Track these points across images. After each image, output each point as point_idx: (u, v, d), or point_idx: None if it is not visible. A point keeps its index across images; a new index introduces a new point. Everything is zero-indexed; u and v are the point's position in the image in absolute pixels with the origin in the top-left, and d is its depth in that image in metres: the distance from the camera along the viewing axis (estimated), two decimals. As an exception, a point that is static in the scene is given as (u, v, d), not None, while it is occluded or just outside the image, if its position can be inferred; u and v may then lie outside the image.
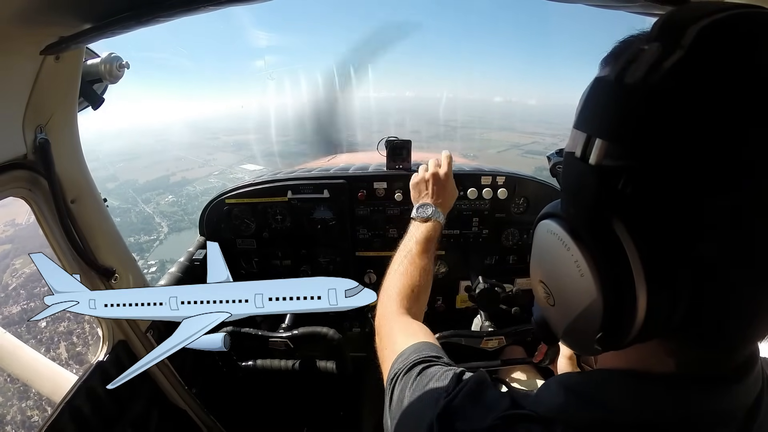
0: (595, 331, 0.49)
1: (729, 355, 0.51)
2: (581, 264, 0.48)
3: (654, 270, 0.44)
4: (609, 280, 0.46)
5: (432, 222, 1.37)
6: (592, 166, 0.45)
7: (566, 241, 0.50)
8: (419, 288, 1.23)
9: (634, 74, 0.42)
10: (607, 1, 1.02)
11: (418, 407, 0.69)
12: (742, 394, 0.51)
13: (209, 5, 0.84)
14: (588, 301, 0.48)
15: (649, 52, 0.42)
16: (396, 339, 0.98)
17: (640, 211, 0.44)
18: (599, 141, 0.44)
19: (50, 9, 0.85)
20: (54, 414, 1.25)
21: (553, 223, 0.54)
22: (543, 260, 0.59)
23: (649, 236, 0.44)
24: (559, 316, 0.57)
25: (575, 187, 0.50)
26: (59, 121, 1.16)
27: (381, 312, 1.16)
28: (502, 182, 1.97)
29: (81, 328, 6.42)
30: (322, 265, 2.15)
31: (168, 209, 34.10)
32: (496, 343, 1.70)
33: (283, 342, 1.62)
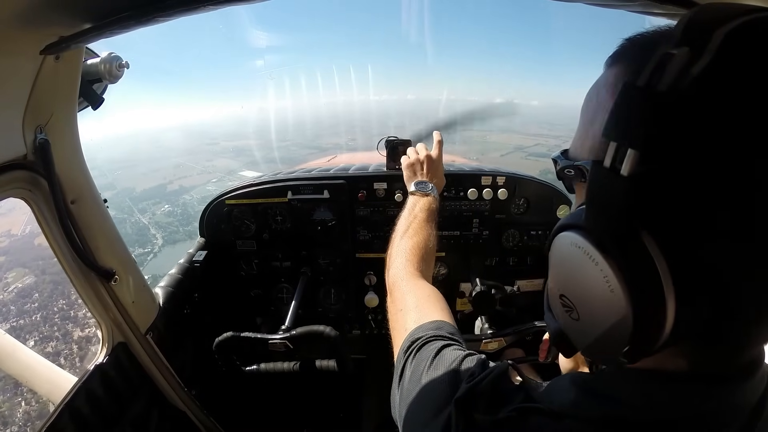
0: (623, 344, 0.48)
1: (739, 354, 0.51)
2: (611, 279, 0.47)
3: (683, 283, 0.43)
4: (640, 296, 0.45)
5: (431, 197, 1.40)
6: (624, 177, 0.43)
7: (593, 255, 0.49)
8: (430, 250, 1.24)
9: (666, 81, 0.41)
10: (608, 0, 1.02)
11: (436, 387, 0.68)
12: (749, 392, 0.52)
13: (209, 5, 0.84)
14: (617, 317, 0.47)
15: (679, 57, 0.40)
16: (411, 303, 0.98)
17: (671, 223, 0.43)
18: (632, 151, 0.43)
19: (50, 9, 0.85)
20: (53, 415, 1.25)
21: (576, 235, 0.52)
22: (565, 274, 0.56)
23: (679, 248, 0.43)
24: (584, 330, 0.55)
25: (603, 199, 0.48)
26: (59, 121, 1.16)
27: (394, 272, 1.16)
28: (503, 183, 1.97)
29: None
30: (322, 266, 2.15)
31: (164, 220, 33.97)
32: (496, 344, 1.70)
33: (282, 343, 1.62)
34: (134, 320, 1.52)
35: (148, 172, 56.73)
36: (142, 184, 47.28)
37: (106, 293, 1.43)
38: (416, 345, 0.78)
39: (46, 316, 6.52)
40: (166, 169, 59.08)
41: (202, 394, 1.88)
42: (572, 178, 0.63)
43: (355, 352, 2.21)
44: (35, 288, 7.01)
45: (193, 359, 1.86)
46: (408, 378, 0.74)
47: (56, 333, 5.93)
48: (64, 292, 7.04)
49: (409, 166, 1.55)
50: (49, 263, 6.96)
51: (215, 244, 2.08)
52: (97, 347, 1.52)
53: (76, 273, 1.33)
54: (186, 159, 67.83)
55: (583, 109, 0.62)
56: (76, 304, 7.13)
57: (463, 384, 0.63)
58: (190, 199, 38.92)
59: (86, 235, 1.34)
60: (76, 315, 6.34)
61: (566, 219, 0.57)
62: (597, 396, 0.56)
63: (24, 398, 3.64)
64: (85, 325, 5.81)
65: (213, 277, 2.05)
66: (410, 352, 0.78)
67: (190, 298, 1.91)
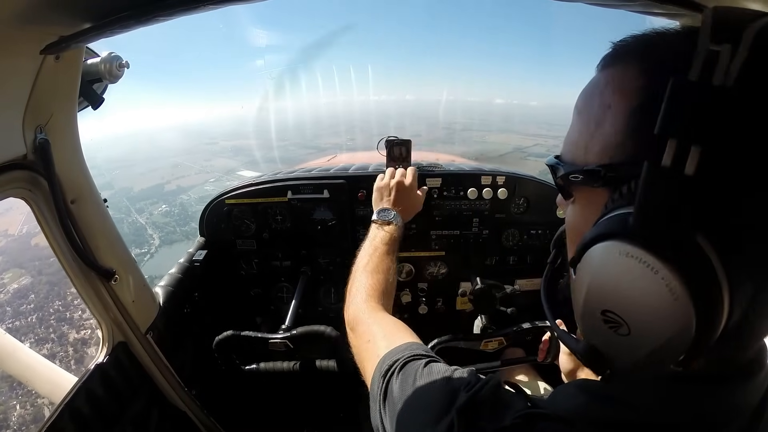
0: (680, 353, 0.46)
1: (741, 353, 0.52)
2: (674, 286, 0.44)
3: (736, 285, 0.43)
4: (704, 301, 0.43)
5: (393, 226, 1.43)
6: (689, 177, 0.41)
7: (652, 264, 0.45)
8: (390, 285, 1.26)
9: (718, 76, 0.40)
10: (608, 0, 1.02)
11: (431, 398, 0.67)
12: (750, 392, 0.52)
13: (209, 4, 0.85)
14: (681, 325, 0.45)
15: (724, 53, 0.40)
16: (379, 333, 0.97)
17: (726, 224, 0.42)
18: (695, 148, 0.41)
19: (50, 8, 0.85)
20: (53, 415, 1.25)
21: (626, 244, 0.48)
22: (613, 287, 0.51)
23: (732, 250, 0.42)
24: (636, 344, 0.51)
25: (663, 202, 0.45)
26: (59, 121, 1.16)
27: (355, 308, 1.15)
28: (502, 182, 1.97)
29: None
30: (322, 266, 2.15)
31: (161, 220, 33.90)
32: (496, 344, 1.70)
33: (282, 343, 1.62)
34: (134, 320, 1.52)
35: (146, 172, 56.71)
36: (140, 183, 47.26)
37: (106, 293, 1.43)
38: (397, 365, 0.77)
39: (42, 317, 6.50)
40: (164, 168, 59.07)
41: (202, 393, 1.88)
42: (577, 184, 0.60)
43: None
44: (31, 289, 6.98)
45: (194, 359, 1.86)
46: (396, 395, 0.72)
47: (52, 335, 5.91)
48: (60, 293, 7.00)
49: (378, 190, 1.58)
50: (45, 264, 6.93)
51: (215, 243, 2.08)
52: (93, 349, 1.52)
53: (76, 272, 1.33)
54: (184, 158, 67.85)
55: (579, 112, 0.60)
56: (71, 305, 7.07)
57: (462, 393, 0.62)
58: (187, 199, 38.89)
59: (86, 234, 1.34)
60: (72, 317, 6.32)
61: (601, 228, 0.52)
62: (608, 400, 0.56)
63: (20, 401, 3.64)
64: (81, 326, 5.81)
65: (213, 276, 2.05)
66: (391, 373, 0.77)
67: (190, 298, 1.91)
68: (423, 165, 2.05)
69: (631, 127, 0.52)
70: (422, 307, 2.23)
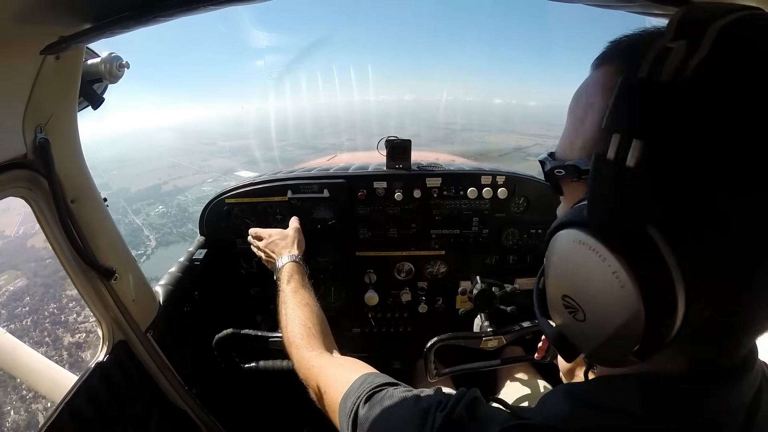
0: (634, 343, 0.47)
1: (735, 351, 0.52)
2: (621, 275, 0.45)
3: (691, 277, 0.43)
4: (652, 291, 0.44)
5: (285, 265, 1.52)
6: (631, 168, 0.43)
7: (601, 252, 0.47)
8: (313, 322, 1.26)
9: (667, 72, 0.41)
10: (607, 0, 1.03)
11: (402, 424, 0.66)
12: (745, 389, 0.52)
13: (209, 5, 0.85)
14: (629, 314, 0.46)
15: (678, 50, 0.41)
16: (329, 380, 0.96)
17: (676, 214, 0.43)
18: (636, 142, 0.42)
19: (50, 9, 0.85)
20: (54, 414, 1.25)
21: (579, 232, 0.50)
22: (569, 273, 0.54)
23: (687, 241, 0.43)
24: (591, 331, 0.53)
25: (608, 192, 0.47)
26: (59, 121, 1.16)
27: (298, 364, 1.15)
28: (502, 182, 1.97)
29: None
30: (322, 264, 2.15)
31: (157, 221, 33.76)
32: (495, 342, 1.70)
33: (282, 341, 1.63)
34: (134, 318, 1.52)
35: (143, 173, 56.60)
36: (137, 184, 47.13)
37: (107, 292, 1.43)
38: (358, 402, 0.76)
39: (37, 320, 6.46)
40: (161, 169, 58.87)
41: (202, 392, 1.88)
42: (562, 178, 0.63)
43: (355, 350, 2.22)
44: (27, 291, 6.94)
45: (194, 357, 1.86)
46: (367, 426, 0.71)
47: (46, 338, 5.88)
48: (56, 295, 6.96)
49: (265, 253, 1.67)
50: (41, 265, 6.89)
51: (215, 242, 2.08)
52: (87, 353, 1.52)
53: (77, 272, 1.33)
54: (182, 159, 67.74)
55: (571, 110, 0.62)
56: (67, 308, 7.02)
57: (437, 414, 0.62)
58: (184, 200, 38.80)
59: (86, 233, 1.34)
60: (67, 320, 6.27)
61: (564, 217, 0.55)
62: (593, 406, 0.55)
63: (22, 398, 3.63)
64: (76, 330, 5.77)
65: (213, 275, 2.05)
66: (355, 411, 0.76)
67: (190, 297, 1.92)
68: (423, 165, 2.06)
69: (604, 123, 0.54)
70: (422, 305, 2.24)
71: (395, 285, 2.21)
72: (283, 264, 1.51)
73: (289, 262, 1.50)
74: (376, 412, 0.71)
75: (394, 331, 2.32)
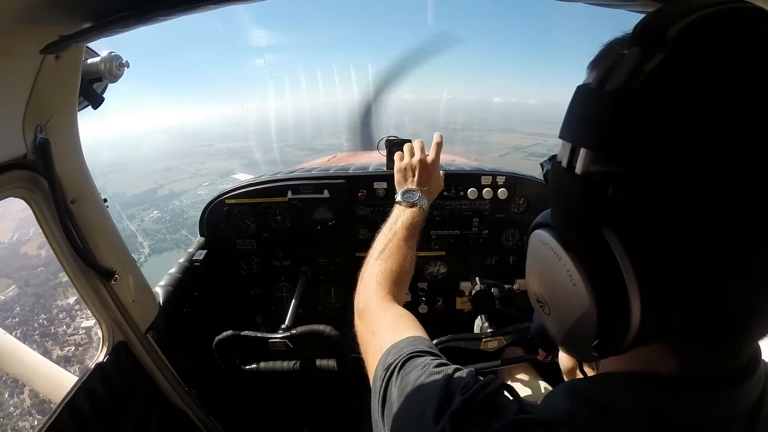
0: (592, 338, 0.49)
1: (731, 355, 0.51)
2: (573, 273, 0.49)
3: (646, 276, 0.44)
4: (601, 289, 0.46)
5: (417, 208, 1.36)
6: (578, 175, 0.45)
7: (557, 251, 0.51)
8: (405, 273, 1.21)
9: (615, 80, 0.42)
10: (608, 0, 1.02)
11: (428, 400, 0.66)
12: (747, 393, 0.51)
13: (209, 4, 0.84)
14: (582, 310, 0.49)
15: (630, 56, 0.42)
16: (384, 325, 0.96)
17: (629, 218, 0.44)
18: (584, 150, 0.45)
19: (50, 8, 0.85)
20: (53, 415, 1.25)
21: (544, 233, 0.54)
22: (536, 270, 0.59)
23: (639, 243, 0.44)
24: (555, 325, 0.58)
25: (563, 197, 0.50)
26: (59, 121, 1.16)
27: (365, 296, 1.12)
28: (503, 182, 1.97)
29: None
30: (322, 265, 2.15)
31: (152, 227, 33.83)
32: (495, 343, 1.70)
33: (282, 342, 1.62)
34: (134, 319, 1.52)
35: (140, 176, 56.52)
36: (133, 188, 47.02)
37: (107, 292, 1.43)
38: (398, 362, 0.77)
39: (26, 332, 6.43)
40: (157, 172, 58.79)
41: (202, 393, 1.88)
42: None
43: (355, 350, 2.22)
44: (17, 301, 6.90)
45: (194, 358, 1.86)
46: (395, 397, 0.72)
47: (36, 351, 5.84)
48: (46, 305, 6.90)
49: (400, 170, 1.47)
50: (32, 274, 6.86)
51: (215, 243, 2.08)
52: (76, 367, 1.51)
53: (76, 272, 1.33)
54: (179, 161, 67.54)
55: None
56: (56, 319, 6.95)
57: (458, 396, 0.62)
58: (179, 205, 38.78)
59: (86, 234, 1.34)
60: (56, 332, 6.21)
61: (539, 218, 0.59)
62: (591, 404, 0.55)
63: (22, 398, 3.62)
64: (65, 342, 5.74)
65: (213, 276, 2.05)
66: (392, 370, 0.76)
67: (190, 298, 1.91)
68: None
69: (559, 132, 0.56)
70: (422, 306, 2.24)
71: None
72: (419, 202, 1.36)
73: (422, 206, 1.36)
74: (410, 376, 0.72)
75: None
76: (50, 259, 9.40)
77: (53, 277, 12.97)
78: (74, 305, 11.56)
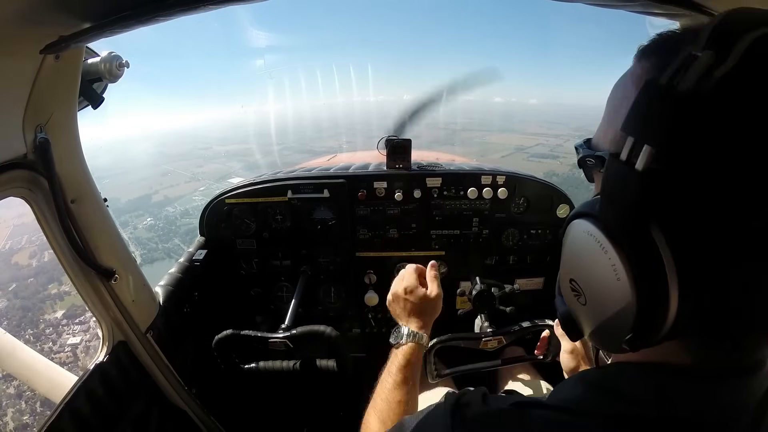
0: (626, 332, 0.50)
1: (747, 353, 0.52)
2: (618, 268, 0.48)
3: (687, 278, 0.45)
4: (645, 286, 0.46)
5: (411, 345, 1.23)
6: (639, 171, 0.44)
7: (604, 244, 0.51)
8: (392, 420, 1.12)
9: (687, 82, 0.41)
10: (608, 0, 1.03)
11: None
12: (756, 386, 0.53)
13: (209, 4, 0.85)
14: (622, 305, 0.49)
15: (703, 59, 0.41)
16: None
17: (680, 219, 0.44)
18: (647, 147, 0.43)
19: (50, 8, 0.85)
20: (53, 415, 1.25)
21: (589, 223, 0.54)
22: (576, 259, 0.58)
23: (688, 245, 0.44)
24: (590, 315, 0.58)
25: (617, 191, 0.49)
26: (59, 121, 1.16)
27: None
28: (503, 182, 1.97)
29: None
30: (322, 265, 2.15)
31: (144, 235, 33.52)
32: (495, 343, 1.70)
33: (282, 342, 1.62)
34: (134, 319, 1.52)
35: (135, 181, 56.15)
36: (128, 194, 46.66)
37: (106, 292, 1.43)
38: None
39: None
40: (153, 177, 58.32)
41: (202, 392, 1.88)
42: (592, 167, 0.64)
43: (355, 350, 2.22)
44: (4, 314, 6.82)
45: (194, 358, 1.86)
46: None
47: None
48: (34, 320, 6.82)
49: (390, 304, 1.36)
50: (22, 286, 6.77)
51: (215, 242, 2.08)
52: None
53: (76, 272, 1.33)
54: (176, 165, 67.14)
55: (609, 100, 0.63)
56: (43, 335, 6.85)
57: (449, 405, 0.66)
58: (173, 212, 38.51)
59: (86, 234, 1.34)
60: (42, 348, 6.07)
61: (582, 207, 0.58)
62: (607, 391, 0.57)
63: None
64: (52, 359, 5.66)
65: (213, 275, 2.05)
66: None
67: (190, 297, 1.91)
68: (423, 164, 2.06)
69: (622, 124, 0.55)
70: None
71: None
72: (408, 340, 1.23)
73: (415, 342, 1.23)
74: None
75: None
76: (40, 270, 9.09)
77: (42, 289, 12.74)
78: (61, 320, 11.35)
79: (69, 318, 11.79)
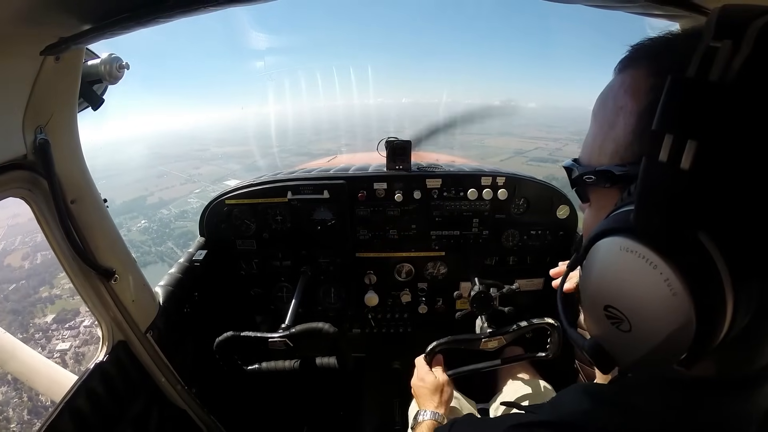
0: (681, 351, 0.46)
1: (762, 356, 0.51)
2: (673, 282, 0.44)
3: (741, 284, 0.42)
4: (704, 299, 0.43)
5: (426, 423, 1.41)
6: (685, 171, 0.41)
7: (651, 259, 0.45)
8: None
9: (716, 72, 0.40)
10: (607, 1, 1.03)
11: None
12: (762, 397, 0.52)
13: (209, 6, 0.85)
14: (680, 322, 0.45)
15: (724, 49, 0.40)
16: None
17: (729, 220, 0.42)
18: (692, 142, 0.40)
19: (50, 10, 0.86)
20: (53, 414, 1.25)
21: (627, 239, 0.48)
22: (615, 282, 0.51)
23: (736, 248, 0.42)
24: (636, 341, 0.51)
25: (661, 197, 0.44)
26: (59, 122, 1.16)
27: None
28: (502, 183, 1.97)
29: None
30: (322, 266, 2.16)
31: (138, 237, 33.32)
32: (495, 343, 1.70)
33: (282, 342, 1.62)
34: (134, 319, 1.52)
35: (131, 182, 55.91)
36: (123, 195, 46.45)
37: (106, 292, 1.43)
38: None
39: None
40: (149, 179, 58.07)
41: (202, 392, 1.88)
42: (592, 185, 0.61)
43: (355, 350, 2.22)
44: None
45: (194, 358, 1.86)
46: None
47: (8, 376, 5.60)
48: (24, 323, 6.75)
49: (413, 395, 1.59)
50: (13, 288, 6.69)
51: (215, 243, 2.08)
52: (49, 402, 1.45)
53: (76, 272, 1.34)
54: (172, 167, 66.93)
55: (595, 115, 0.61)
56: (32, 339, 6.74)
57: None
58: (167, 214, 38.34)
59: (86, 234, 1.34)
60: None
61: (605, 224, 0.52)
62: (614, 405, 0.55)
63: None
64: None
65: (213, 276, 2.05)
66: None
67: (190, 297, 1.92)
68: (423, 166, 2.06)
69: (640, 127, 0.53)
70: (422, 306, 2.24)
71: (395, 286, 2.21)
72: (421, 419, 1.44)
73: (429, 419, 1.43)
74: None
75: (394, 331, 2.32)
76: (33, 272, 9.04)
77: (33, 292, 12.58)
78: (51, 324, 11.22)
79: (59, 323, 11.63)
